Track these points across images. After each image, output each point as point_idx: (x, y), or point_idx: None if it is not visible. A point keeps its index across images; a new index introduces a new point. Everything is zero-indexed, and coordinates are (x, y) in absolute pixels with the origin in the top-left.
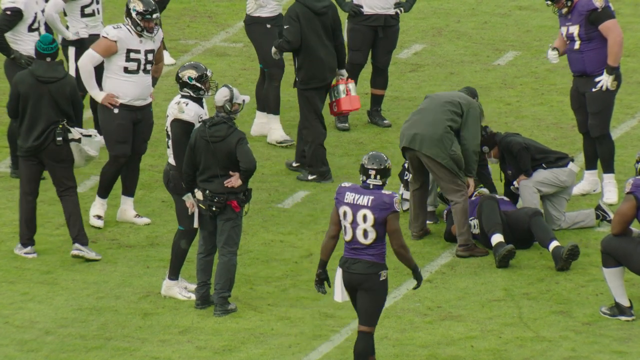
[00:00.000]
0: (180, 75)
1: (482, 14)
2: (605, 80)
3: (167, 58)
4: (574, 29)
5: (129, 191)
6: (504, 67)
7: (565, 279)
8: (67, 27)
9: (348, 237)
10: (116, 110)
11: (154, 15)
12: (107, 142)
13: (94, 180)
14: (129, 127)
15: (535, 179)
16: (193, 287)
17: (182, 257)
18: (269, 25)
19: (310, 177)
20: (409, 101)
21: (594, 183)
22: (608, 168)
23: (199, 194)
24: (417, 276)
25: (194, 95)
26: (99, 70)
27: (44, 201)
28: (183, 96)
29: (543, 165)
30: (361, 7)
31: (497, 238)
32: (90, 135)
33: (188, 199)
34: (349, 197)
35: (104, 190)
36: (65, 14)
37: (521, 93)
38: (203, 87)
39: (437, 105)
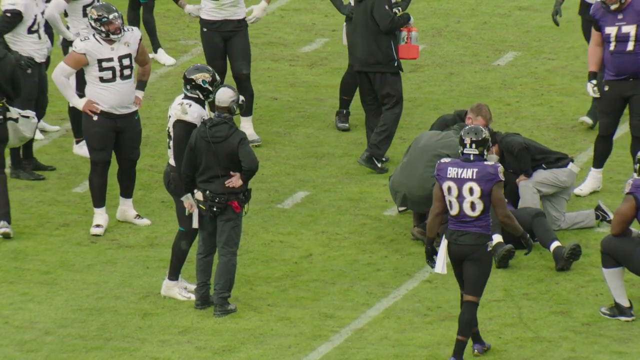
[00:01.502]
0: (193, 77)
1: (481, 15)
2: None
3: (167, 58)
4: (630, 29)
5: (126, 193)
6: (504, 68)
7: (565, 280)
8: (68, 28)
9: (454, 212)
10: (95, 117)
11: (111, 16)
12: (88, 147)
13: None
14: (108, 135)
15: (535, 179)
16: (193, 287)
17: (182, 257)
18: (205, 29)
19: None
20: (409, 101)
21: (600, 180)
22: None
23: (199, 195)
24: (527, 243)
25: (202, 98)
26: (80, 75)
27: (43, 201)
28: (187, 97)
29: (543, 165)
30: None
31: (496, 238)
32: (27, 117)
33: (187, 199)
34: (452, 171)
35: (97, 200)
36: (66, 15)
37: (521, 93)
38: (213, 91)
39: (423, 160)
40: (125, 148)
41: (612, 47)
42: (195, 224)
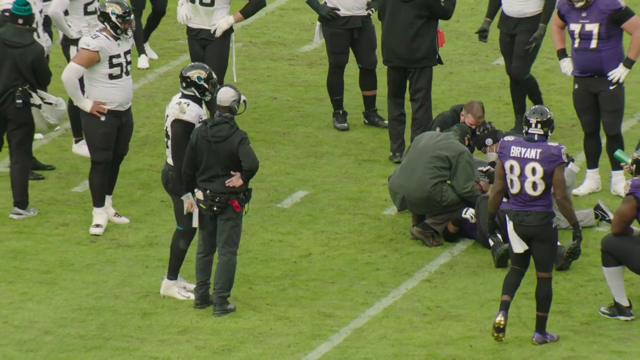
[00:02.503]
0: (188, 74)
1: (481, 14)
2: (620, 73)
3: (147, 59)
4: (593, 27)
5: (110, 189)
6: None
7: (565, 279)
8: (69, 26)
9: (515, 190)
10: (103, 118)
11: (132, 16)
12: (90, 147)
13: None
14: (114, 134)
15: None
16: (192, 286)
17: (181, 257)
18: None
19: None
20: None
21: (598, 181)
22: (619, 165)
23: (199, 194)
24: (578, 233)
25: (198, 96)
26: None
27: (43, 201)
28: (184, 96)
29: None
30: (338, 9)
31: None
32: (51, 103)
33: (187, 199)
34: (515, 150)
35: (97, 200)
36: (67, 13)
37: None
38: (209, 89)
39: (423, 163)
40: (121, 143)
41: (576, 44)
42: (195, 224)
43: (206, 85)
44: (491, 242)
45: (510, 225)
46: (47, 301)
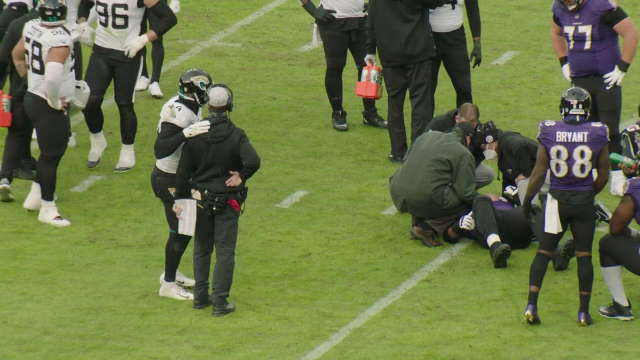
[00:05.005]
0: (192, 79)
1: (480, 14)
2: (616, 77)
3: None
4: (586, 29)
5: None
6: (503, 67)
7: (564, 279)
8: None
9: (562, 174)
10: (66, 112)
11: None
12: (53, 143)
13: (93, 180)
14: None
15: None
16: (190, 281)
17: (177, 259)
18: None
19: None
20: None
21: None
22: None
23: (197, 194)
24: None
25: (198, 102)
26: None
27: None
28: (181, 100)
29: None
30: (334, 12)
31: (493, 238)
32: (78, 87)
33: (180, 203)
34: (561, 135)
35: (53, 193)
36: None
37: (519, 93)
38: (207, 96)
39: (425, 167)
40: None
41: (571, 45)
42: (191, 232)
43: (207, 91)
44: (490, 242)
45: (553, 205)
46: (46, 301)
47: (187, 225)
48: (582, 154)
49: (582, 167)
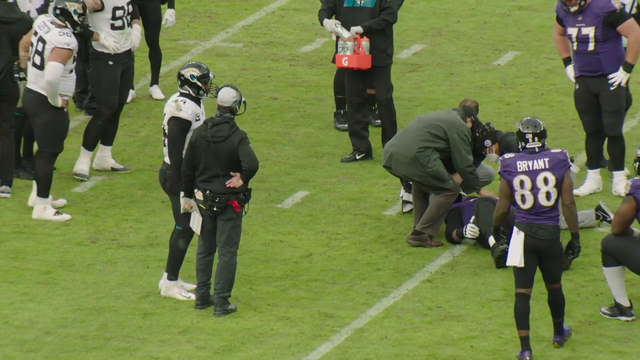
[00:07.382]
0: (182, 72)
1: (481, 14)
2: (621, 77)
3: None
4: (589, 31)
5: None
6: (504, 67)
7: (565, 279)
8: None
9: (528, 205)
10: (66, 109)
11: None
12: (53, 139)
13: (94, 180)
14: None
15: None
16: (190, 286)
17: (181, 256)
18: (111, 62)
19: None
20: (409, 101)
21: (599, 181)
22: (621, 165)
23: (198, 194)
24: (577, 244)
25: (193, 94)
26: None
27: None
28: (182, 94)
29: None
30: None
31: (491, 241)
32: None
33: (187, 200)
34: (522, 165)
35: (49, 189)
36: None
37: (521, 93)
38: (203, 88)
39: (418, 128)
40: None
41: (574, 47)
42: (197, 230)
43: (199, 84)
44: (491, 242)
45: (519, 237)
46: (47, 301)
47: (196, 223)
48: (545, 180)
49: (548, 195)
